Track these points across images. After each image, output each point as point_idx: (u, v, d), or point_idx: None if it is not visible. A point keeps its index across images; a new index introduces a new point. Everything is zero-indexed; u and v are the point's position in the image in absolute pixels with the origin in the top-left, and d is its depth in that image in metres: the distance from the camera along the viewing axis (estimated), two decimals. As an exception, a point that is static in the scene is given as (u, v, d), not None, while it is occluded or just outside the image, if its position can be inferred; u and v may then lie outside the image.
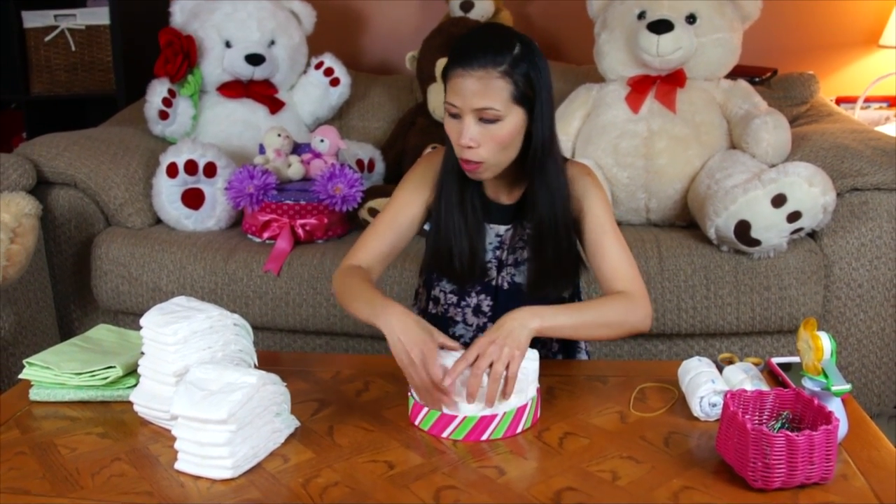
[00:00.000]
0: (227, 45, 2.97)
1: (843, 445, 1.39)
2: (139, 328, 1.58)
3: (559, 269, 1.74)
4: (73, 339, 1.79)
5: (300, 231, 2.61)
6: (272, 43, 3.02)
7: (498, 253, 1.79)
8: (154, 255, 2.61)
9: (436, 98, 3.02)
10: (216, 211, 2.72)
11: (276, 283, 2.53)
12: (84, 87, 3.52)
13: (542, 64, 1.61)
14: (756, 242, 2.33)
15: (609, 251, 1.69)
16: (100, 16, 3.44)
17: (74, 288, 2.74)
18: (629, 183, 2.64)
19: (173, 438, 1.41)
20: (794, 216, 2.29)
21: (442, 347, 1.53)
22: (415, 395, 1.52)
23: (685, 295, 2.40)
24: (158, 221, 2.79)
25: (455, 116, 1.61)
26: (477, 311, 1.82)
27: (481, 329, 1.82)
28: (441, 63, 2.92)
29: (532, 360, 1.53)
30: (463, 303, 1.83)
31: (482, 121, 1.58)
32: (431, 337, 1.50)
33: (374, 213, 2.63)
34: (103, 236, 2.68)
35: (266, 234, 2.62)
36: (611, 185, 2.66)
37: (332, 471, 1.38)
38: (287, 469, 1.39)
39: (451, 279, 1.82)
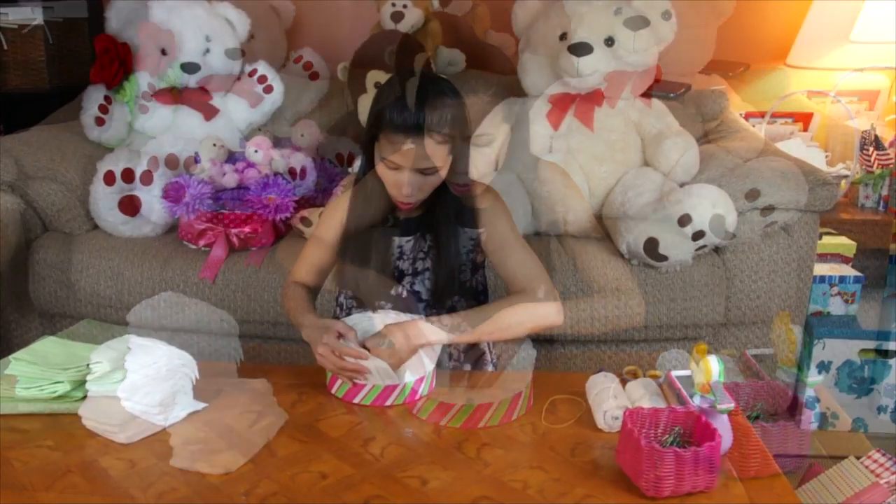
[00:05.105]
0: (163, 52, 3.02)
1: (726, 456, 1.56)
2: (77, 332, 1.67)
3: (458, 280, 1.89)
4: (18, 352, 1.83)
5: (235, 239, 2.69)
6: (207, 51, 3.07)
7: (398, 263, 1.92)
8: (91, 260, 2.67)
9: (366, 109, 3.09)
10: (153, 217, 2.78)
11: (211, 289, 2.61)
12: (14, 84, 3.50)
13: (465, 107, 1.75)
14: (664, 258, 2.50)
15: (511, 255, 1.85)
16: (33, 14, 3.43)
17: (11, 293, 2.78)
18: (548, 197, 2.77)
19: (122, 450, 1.52)
20: (698, 235, 2.47)
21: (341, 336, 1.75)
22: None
23: (598, 304, 2.55)
24: (96, 227, 2.84)
25: (393, 168, 1.74)
26: None
27: None
28: (372, 75, 3.01)
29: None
30: (364, 307, 1.96)
31: (420, 172, 1.73)
32: (328, 331, 1.73)
33: (306, 221, 2.73)
34: (41, 241, 2.73)
35: (202, 242, 2.69)
36: (531, 198, 2.80)
37: (270, 481, 1.49)
38: (229, 479, 1.50)
39: (360, 296, 1.96)
